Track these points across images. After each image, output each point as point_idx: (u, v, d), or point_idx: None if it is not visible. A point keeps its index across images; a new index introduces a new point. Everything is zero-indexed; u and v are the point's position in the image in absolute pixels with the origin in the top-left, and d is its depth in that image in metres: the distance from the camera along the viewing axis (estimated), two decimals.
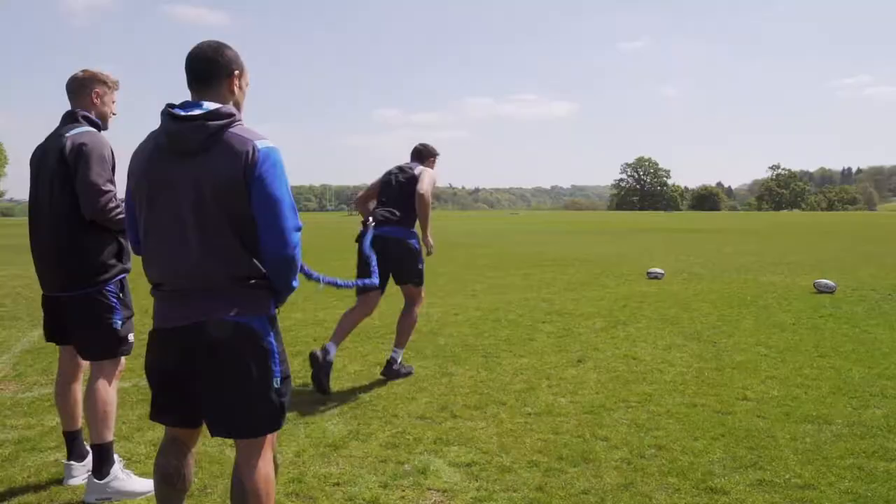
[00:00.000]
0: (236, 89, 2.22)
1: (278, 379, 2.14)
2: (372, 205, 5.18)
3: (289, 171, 2.12)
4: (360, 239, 4.77)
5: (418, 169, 5.13)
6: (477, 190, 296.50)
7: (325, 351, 4.65)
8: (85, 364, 3.25)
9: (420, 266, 5.08)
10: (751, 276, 11.19)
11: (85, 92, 3.17)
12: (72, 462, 3.27)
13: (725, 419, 4.00)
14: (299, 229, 2.14)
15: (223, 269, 2.08)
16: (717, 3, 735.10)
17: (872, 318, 7.17)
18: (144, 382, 3.27)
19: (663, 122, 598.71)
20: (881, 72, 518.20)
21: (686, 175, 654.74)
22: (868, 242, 19.77)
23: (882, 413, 4.08)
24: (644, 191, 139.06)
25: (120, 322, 3.10)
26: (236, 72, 2.20)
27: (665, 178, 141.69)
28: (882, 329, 6.61)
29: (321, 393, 4.58)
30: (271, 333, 2.14)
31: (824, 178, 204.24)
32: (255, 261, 2.10)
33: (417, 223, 5.07)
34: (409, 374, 5.06)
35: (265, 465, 2.14)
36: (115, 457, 3.18)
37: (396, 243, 4.92)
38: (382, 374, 4.98)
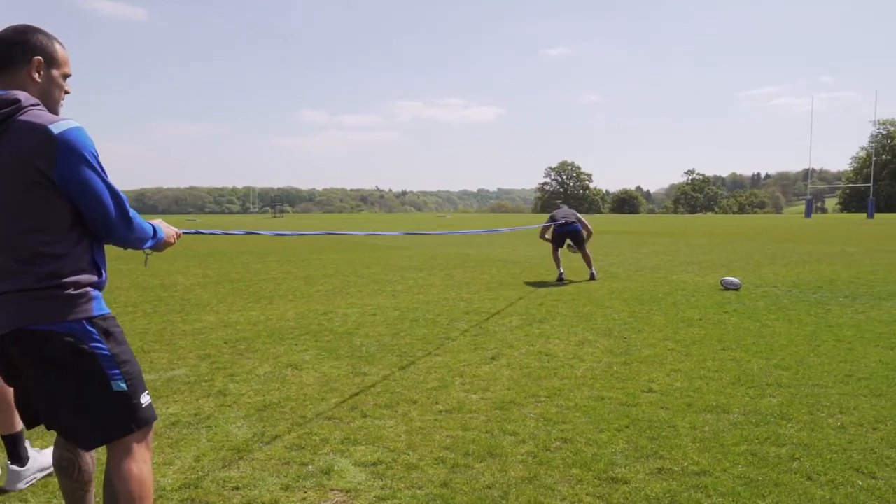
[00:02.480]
0: (37, 77, 2.03)
1: (120, 381, 2.00)
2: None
3: (214, 171, 2.01)
4: (555, 238, 11.48)
5: (574, 215, 11.71)
6: (404, 193, 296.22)
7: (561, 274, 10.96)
8: None
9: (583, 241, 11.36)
10: (662, 275, 11.56)
11: None
12: None
13: (630, 411, 4.09)
14: (125, 202, 2.02)
15: (29, 271, 1.92)
16: (636, 11, 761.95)
17: (773, 313, 7.52)
18: None
19: (586, 127, 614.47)
20: (787, 84, 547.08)
21: (607, 179, 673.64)
22: (774, 243, 20.77)
23: (777, 402, 4.27)
24: (567, 194, 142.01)
25: None
26: (37, 58, 2.03)
27: (587, 182, 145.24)
28: (781, 323, 6.93)
29: None
30: (97, 337, 1.99)
31: (736, 183, 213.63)
32: (67, 259, 1.95)
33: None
34: (596, 280, 10.77)
35: (138, 467, 2.04)
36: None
37: (577, 232, 11.31)
38: (590, 279, 10.86)
